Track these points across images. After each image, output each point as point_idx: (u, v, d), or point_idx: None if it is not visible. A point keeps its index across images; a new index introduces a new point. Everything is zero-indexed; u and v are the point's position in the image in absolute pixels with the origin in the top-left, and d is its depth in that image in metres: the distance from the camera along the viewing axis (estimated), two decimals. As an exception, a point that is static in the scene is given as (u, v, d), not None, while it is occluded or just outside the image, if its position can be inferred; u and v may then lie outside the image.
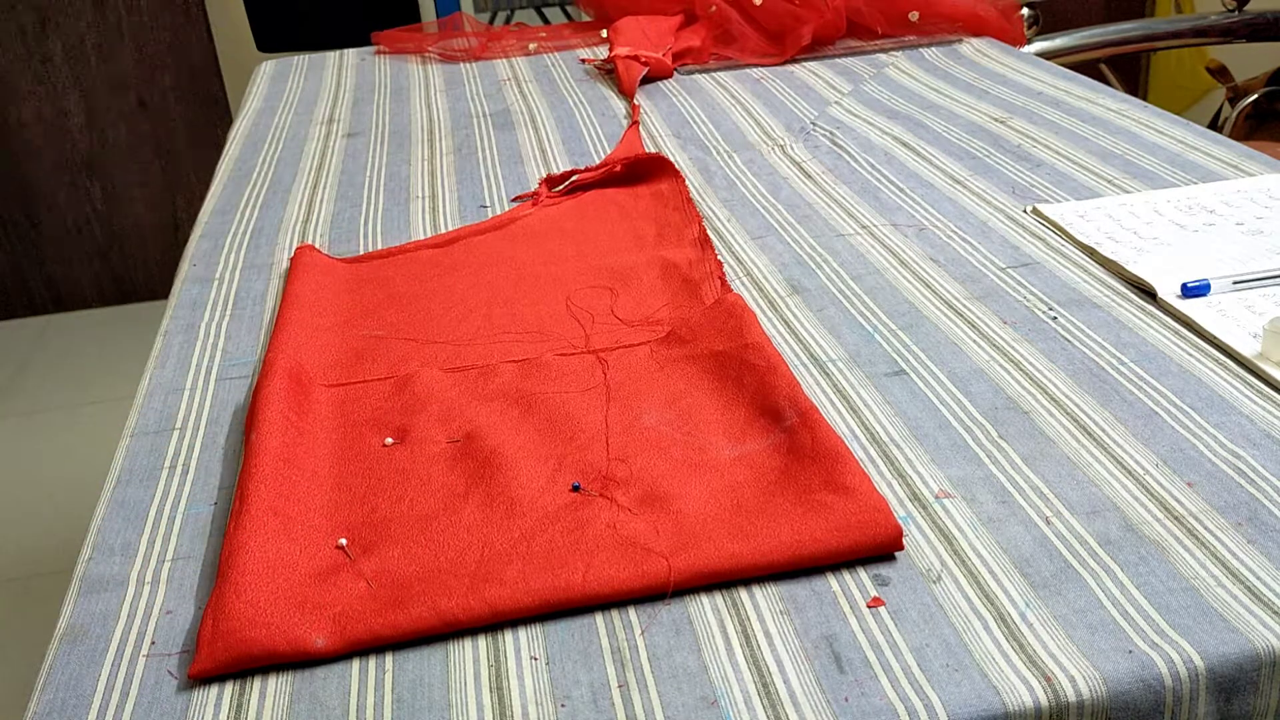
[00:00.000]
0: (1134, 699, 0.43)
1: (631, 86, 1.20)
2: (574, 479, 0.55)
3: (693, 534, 0.50)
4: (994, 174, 0.91)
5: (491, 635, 0.47)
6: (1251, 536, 0.49)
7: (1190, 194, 0.84)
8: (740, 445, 0.57)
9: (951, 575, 0.49)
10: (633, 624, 0.47)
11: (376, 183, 0.99)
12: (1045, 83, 1.14)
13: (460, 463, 0.57)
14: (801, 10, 1.30)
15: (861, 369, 0.65)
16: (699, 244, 0.80)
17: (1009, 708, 0.42)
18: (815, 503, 0.51)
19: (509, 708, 0.44)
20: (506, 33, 1.49)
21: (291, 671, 0.46)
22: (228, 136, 1.17)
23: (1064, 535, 0.50)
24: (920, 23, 1.33)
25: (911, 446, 0.57)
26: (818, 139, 1.03)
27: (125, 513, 0.57)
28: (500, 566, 0.49)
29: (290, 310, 0.72)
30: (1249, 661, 0.43)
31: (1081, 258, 0.76)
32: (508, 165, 1.02)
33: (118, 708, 0.45)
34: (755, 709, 0.43)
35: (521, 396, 0.63)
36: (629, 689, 0.44)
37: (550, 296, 0.75)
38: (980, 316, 0.69)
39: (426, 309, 0.74)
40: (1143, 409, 0.59)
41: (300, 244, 0.84)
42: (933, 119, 1.05)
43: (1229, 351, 0.63)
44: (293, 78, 1.37)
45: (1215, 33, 1.87)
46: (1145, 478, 0.54)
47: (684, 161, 0.99)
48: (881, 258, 0.78)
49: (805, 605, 0.48)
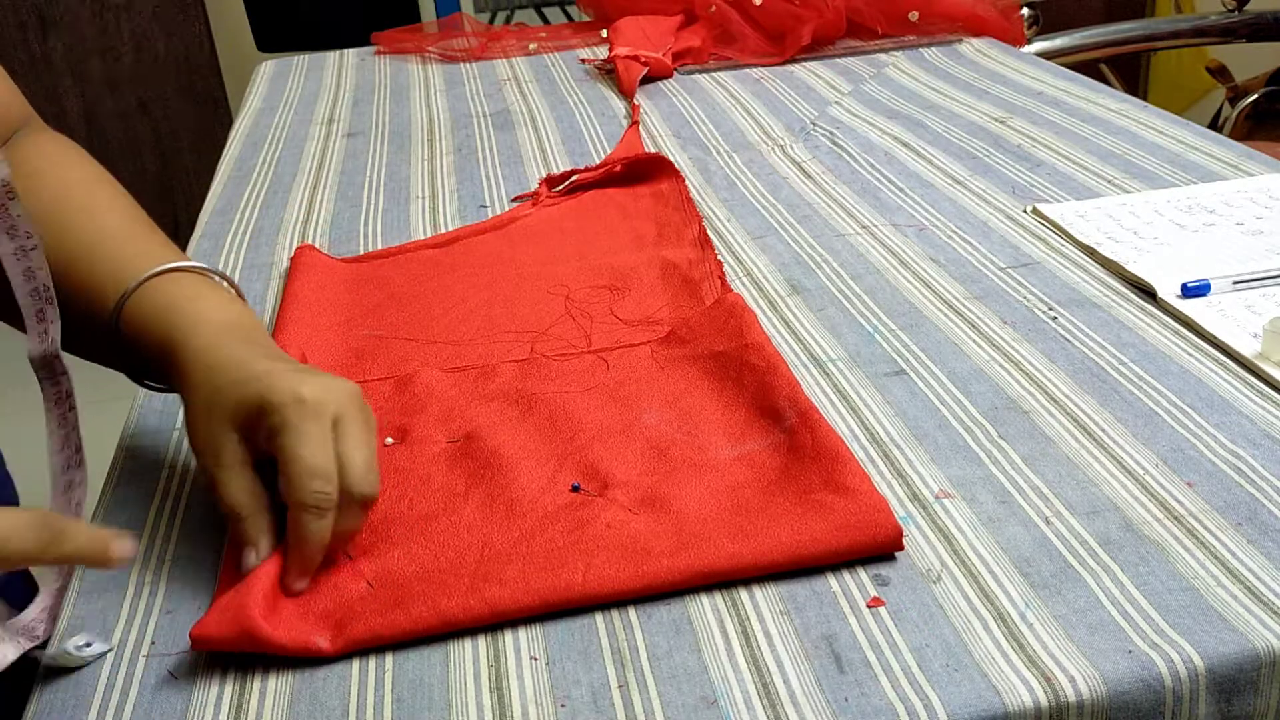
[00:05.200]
0: (1134, 699, 0.43)
1: (631, 86, 1.20)
2: (574, 479, 0.55)
3: (693, 534, 0.50)
4: (994, 174, 0.91)
5: (491, 635, 0.47)
6: (1251, 536, 0.49)
7: (1190, 194, 0.84)
8: (740, 445, 0.57)
9: (951, 575, 0.49)
10: (633, 624, 0.47)
11: (376, 183, 0.99)
12: (1045, 83, 1.14)
13: (460, 463, 0.57)
14: (801, 10, 1.30)
15: (861, 369, 0.65)
16: (699, 244, 0.80)
17: (1009, 708, 0.42)
18: (815, 503, 0.51)
19: (509, 708, 0.44)
20: (506, 33, 1.49)
21: (291, 671, 0.46)
22: (228, 136, 1.17)
23: (1064, 535, 0.50)
24: (920, 23, 1.33)
25: (911, 446, 0.57)
26: (818, 139, 1.03)
27: (125, 512, 0.57)
28: (500, 566, 0.49)
29: (290, 310, 0.72)
30: (1249, 661, 0.43)
31: (1081, 258, 0.76)
32: (508, 165, 1.02)
33: (118, 708, 0.45)
34: (755, 709, 0.43)
35: (521, 396, 0.63)
36: (629, 689, 0.44)
37: (550, 296, 0.74)
38: (980, 316, 0.69)
39: (426, 309, 0.74)
40: (1143, 409, 0.59)
41: (300, 244, 0.84)
42: (933, 119, 1.05)
43: (1229, 351, 0.63)
44: (293, 78, 1.37)
45: (1215, 33, 1.87)
46: (1145, 478, 0.54)
47: (684, 161, 0.99)
48: (881, 258, 0.78)
49: (805, 605, 0.48)
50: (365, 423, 0.52)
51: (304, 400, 0.50)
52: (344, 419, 0.51)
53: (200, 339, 0.55)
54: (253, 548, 0.50)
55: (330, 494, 0.49)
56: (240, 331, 0.56)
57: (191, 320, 0.56)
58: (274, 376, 0.51)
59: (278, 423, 0.50)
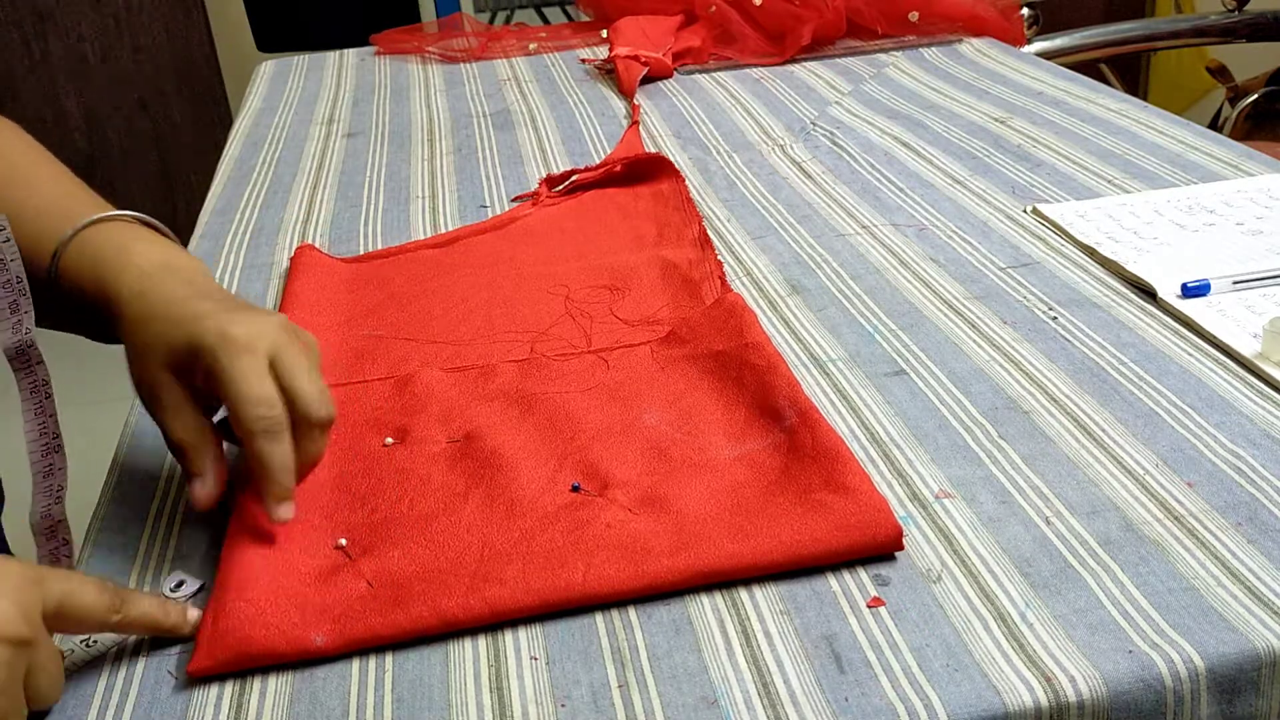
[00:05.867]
0: (1134, 699, 0.43)
1: (631, 86, 1.20)
2: (574, 479, 0.55)
3: (693, 534, 0.50)
4: (994, 174, 0.91)
5: (491, 635, 0.47)
6: (1251, 536, 0.49)
7: (1190, 194, 0.84)
8: (740, 445, 0.57)
9: (951, 575, 0.49)
10: (633, 624, 0.47)
11: (376, 183, 0.99)
12: (1045, 83, 1.14)
13: (460, 463, 0.57)
14: (801, 10, 1.30)
15: (861, 369, 0.65)
16: (699, 244, 0.80)
17: (1009, 708, 0.42)
18: (815, 502, 0.51)
19: (509, 708, 0.44)
20: (506, 33, 1.49)
21: (291, 671, 0.46)
22: (228, 136, 1.17)
23: (1064, 535, 0.50)
24: (920, 23, 1.33)
25: (911, 446, 0.57)
26: (818, 139, 1.03)
27: (125, 512, 0.57)
28: (500, 566, 0.49)
29: (290, 310, 0.72)
30: (1249, 662, 0.43)
31: (1081, 258, 0.76)
32: (508, 165, 1.02)
33: (118, 708, 0.45)
34: (755, 709, 0.43)
35: (521, 396, 0.63)
36: (629, 689, 0.44)
37: (550, 296, 0.74)
38: (980, 316, 0.69)
39: (426, 309, 0.74)
40: (1143, 409, 0.59)
41: (300, 244, 0.84)
42: (933, 119, 1.05)
43: (1229, 351, 0.63)
44: (293, 78, 1.37)
45: (1215, 33, 1.87)
46: (1145, 478, 0.54)
47: (684, 161, 0.99)
48: (881, 258, 0.78)
49: (805, 605, 0.48)
50: (303, 350, 0.53)
51: (233, 339, 0.50)
52: (280, 352, 0.51)
53: (129, 284, 0.55)
54: (200, 478, 0.52)
55: (274, 416, 0.50)
56: (170, 273, 0.56)
57: (119, 266, 0.56)
58: (202, 319, 0.52)
59: (210, 364, 0.50)
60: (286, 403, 0.51)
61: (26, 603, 0.41)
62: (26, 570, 0.43)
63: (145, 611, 0.46)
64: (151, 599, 0.47)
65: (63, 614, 0.43)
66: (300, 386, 0.51)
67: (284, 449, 0.50)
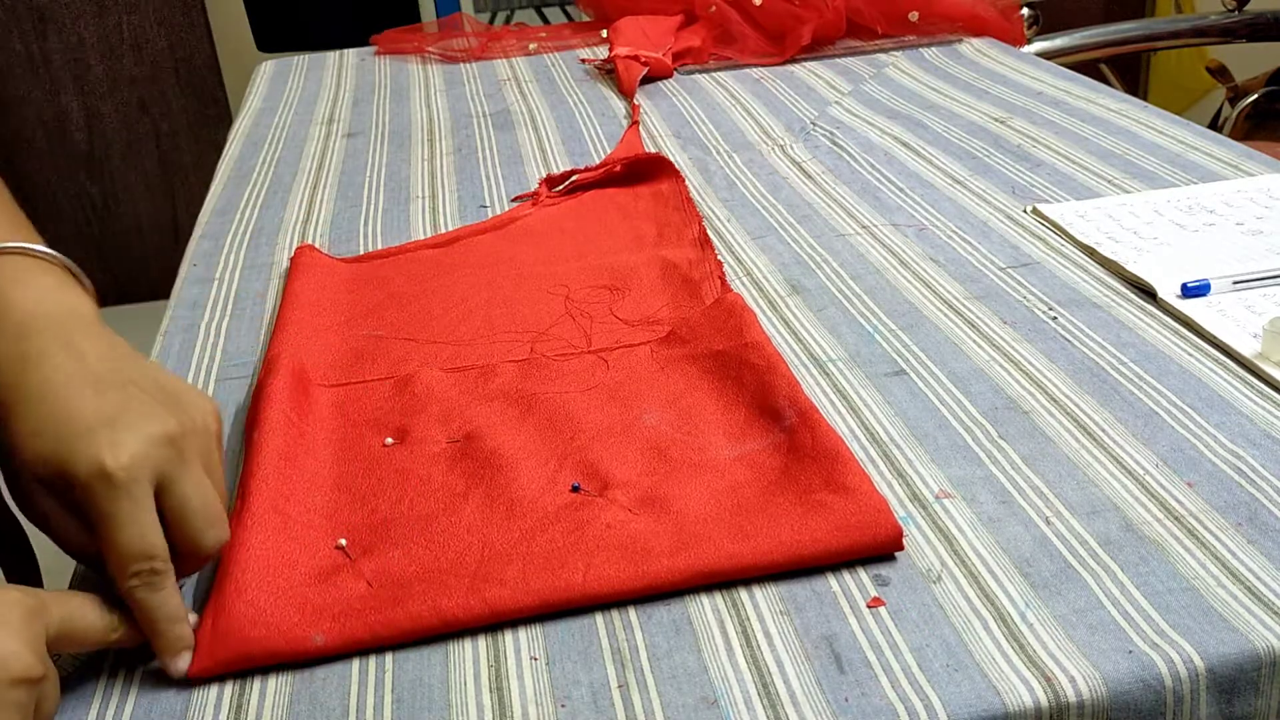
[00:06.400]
0: (1134, 699, 0.43)
1: (631, 86, 1.20)
2: (574, 479, 0.55)
3: (693, 534, 0.50)
4: (994, 174, 0.91)
5: (491, 635, 0.47)
6: (1251, 536, 0.49)
7: (1190, 194, 0.84)
8: (740, 445, 0.57)
9: (951, 575, 0.49)
10: (633, 624, 0.47)
11: (376, 183, 0.99)
12: (1045, 83, 1.14)
13: (460, 463, 0.57)
14: (801, 10, 1.30)
15: (861, 369, 0.65)
16: (699, 244, 0.80)
17: (1009, 708, 0.42)
18: (815, 502, 0.51)
19: (509, 708, 0.44)
20: (506, 33, 1.49)
21: (291, 671, 0.46)
22: (228, 136, 1.17)
23: (1064, 535, 0.50)
24: (920, 23, 1.33)
25: (911, 446, 0.57)
26: (818, 139, 1.03)
27: (125, 513, 0.57)
28: (500, 566, 0.49)
29: (290, 310, 0.72)
30: (1249, 662, 0.43)
31: (1081, 258, 0.76)
32: (508, 165, 1.02)
33: (117, 708, 0.45)
34: (755, 709, 0.43)
35: (521, 396, 0.63)
36: (629, 689, 0.44)
37: (550, 296, 0.74)
38: (980, 316, 0.69)
39: (426, 309, 0.74)
40: (1143, 409, 0.59)
41: (300, 244, 0.84)
42: (933, 119, 1.05)
43: (1229, 351, 0.63)
44: (293, 78, 1.37)
45: (1215, 33, 1.87)
46: (1145, 478, 0.54)
47: (684, 161, 0.99)
48: (881, 258, 0.78)
49: (805, 605, 0.48)
50: (197, 461, 0.47)
51: (108, 475, 0.43)
52: (168, 477, 0.45)
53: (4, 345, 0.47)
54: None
55: (154, 566, 0.44)
56: (55, 333, 0.48)
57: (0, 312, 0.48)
58: (77, 439, 0.44)
59: (82, 499, 0.44)
60: (171, 534, 0.45)
61: (34, 637, 0.41)
62: (27, 599, 0.42)
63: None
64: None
65: (64, 637, 0.43)
66: (185, 515, 0.46)
67: (166, 597, 0.45)
